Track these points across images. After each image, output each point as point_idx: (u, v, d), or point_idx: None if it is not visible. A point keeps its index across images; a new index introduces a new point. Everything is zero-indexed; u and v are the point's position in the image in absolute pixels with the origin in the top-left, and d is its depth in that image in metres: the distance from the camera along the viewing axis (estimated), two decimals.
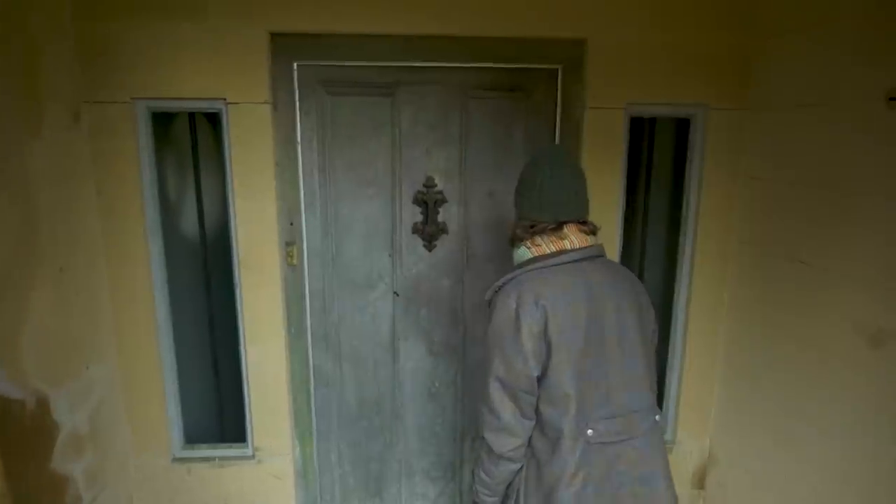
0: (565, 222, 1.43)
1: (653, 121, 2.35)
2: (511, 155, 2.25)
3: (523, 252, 1.47)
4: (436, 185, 2.25)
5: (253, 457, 2.33)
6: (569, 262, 1.40)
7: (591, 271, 1.40)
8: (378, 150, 2.22)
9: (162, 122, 2.15)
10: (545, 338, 1.33)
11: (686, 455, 2.48)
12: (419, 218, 2.28)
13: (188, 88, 2.02)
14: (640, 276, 2.47)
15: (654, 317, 1.53)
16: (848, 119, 1.77)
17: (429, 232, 2.27)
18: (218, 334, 2.35)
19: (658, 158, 2.39)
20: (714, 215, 2.29)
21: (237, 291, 2.20)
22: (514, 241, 1.50)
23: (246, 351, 2.24)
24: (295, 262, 2.23)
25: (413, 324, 2.37)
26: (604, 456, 1.36)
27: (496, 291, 1.44)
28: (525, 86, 2.20)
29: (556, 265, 1.40)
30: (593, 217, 1.51)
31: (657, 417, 1.46)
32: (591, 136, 2.19)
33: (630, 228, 2.40)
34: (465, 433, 2.50)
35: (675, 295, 2.40)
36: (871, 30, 1.70)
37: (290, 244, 2.21)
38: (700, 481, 2.51)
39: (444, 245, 2.31)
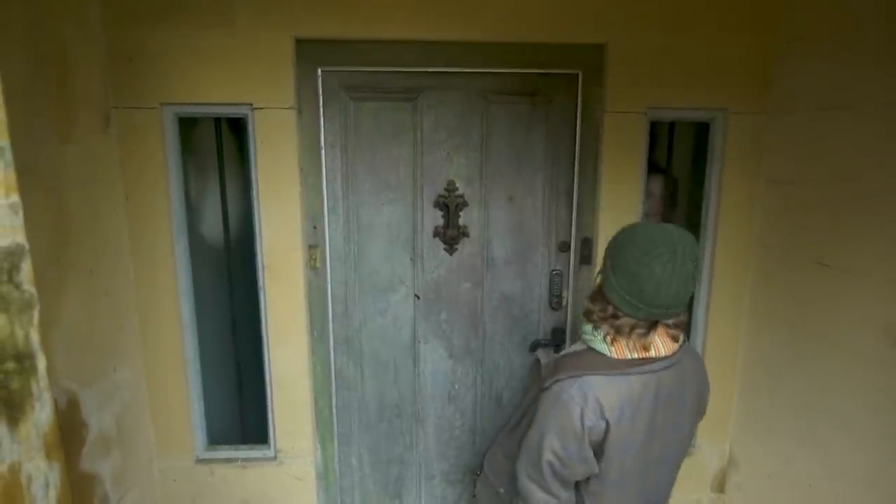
0: (656, 324, 1.25)
1: (672, 124, 2.36)
2: (531, 159, 2.27)
3: (599, 345, 1.28)
4: (457, 189, 2.27)
5: (275, 458, 2.35)
6: (647, 373, 1.25)
7: (665, 380, 1.27)
8: (400, 154, 2.24)
9: (188, 126, 2.19)
10: (601, 446, 1.27)
11: (706, 459, 2.48)
12: (440, 222, 2.30)
13: (215, 94, 2.05)
14: None
15: (706, 405, 1.47)
16: (871, 122, 1.78)
17: (450, 235, 2.29)
18: (241, 336, 2.38)
19: (677, 162, 2.40)
20: (734, 218, 2.29)
21: (261, 294, 2.22)
22: (590, 319, 1.31)
23: (269, 353, 2.27)
24: (318, 265, 2.25)
25: (434, 327, 2.39)
26: None
27: (557, 381, 1.28)
28: (545, 90, 2.22)
29: (632, 374, 1.24)
30: (613, 223, 1.48)
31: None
32: (611, 140, 2.21)
33: None
34: (484, 437, 2.50)
35: (695, 298, 2.41)
36: (892, 34, 1.70)
37: (312, 248, 2.24)
38: (720, 485, 2.51)
39: (465, 248, 2.32)
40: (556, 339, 2.40)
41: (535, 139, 2.26)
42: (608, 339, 1.26)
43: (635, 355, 1.25)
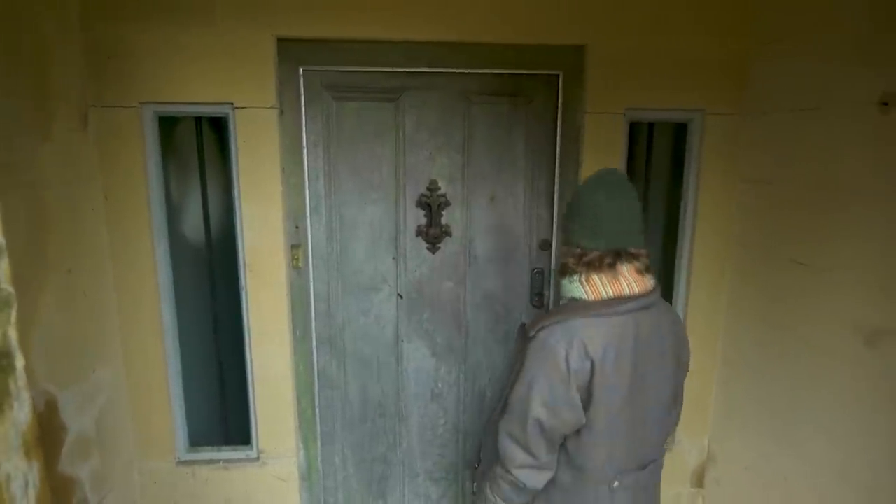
0: (620, 254, 1.32)
1: (651, 125, 2.39)
2: (512, 159, 2.29)
3: (577, 290, 1.35)
4: (439, 189, 2.28)
5: (257, 459, 2.34)
6: (624, 314, 1.31)
7: (643, 322, 1.33)
8: (382, 154, 2.25)
9: (169, 125, 2.17)
10: (588, 389, 1.29)
11: (685, 454, 2.52)
12: (423, 221, 2.31)
13: (195, 93, 2.04)
14: None
15: (688, 360, 1.51)
16: (842, 123, 1.82)
17: (433, 234, 2.30)
18: (223, 337, 2.36)
19: (656, 162, 2.44)
20: (712, 218, 2.33)
21: (243, 294, 2.21)
22: (565, 272, 1.39)
23: (251, 353, 2.26)
24: (300, 264, 2.25)
25: (416, 326, 2.40)
26: (623, 500, 1.40)
27: (541, 329, 1.33)
28: (526, 91, 2.24)
29: (611, 315, 1.30)
30: None
31: (662, 459, 1.51)
32: (591, 141, 2.23)
33: None
34: (468, 435, 2.52)
35: (674, 296, 2.45)
36: (865, 36, 1.75)
37: (295, 247, 2.24)
38: (699, 480, 2.55)
39: (447, 247, 2.34)
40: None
41: (516, 140, 2.28)
42: (583, 279, 1.34)
43: (609, 292, 1.32)
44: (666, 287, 2.48)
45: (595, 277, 1.33)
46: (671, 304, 2.44)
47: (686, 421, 2.49)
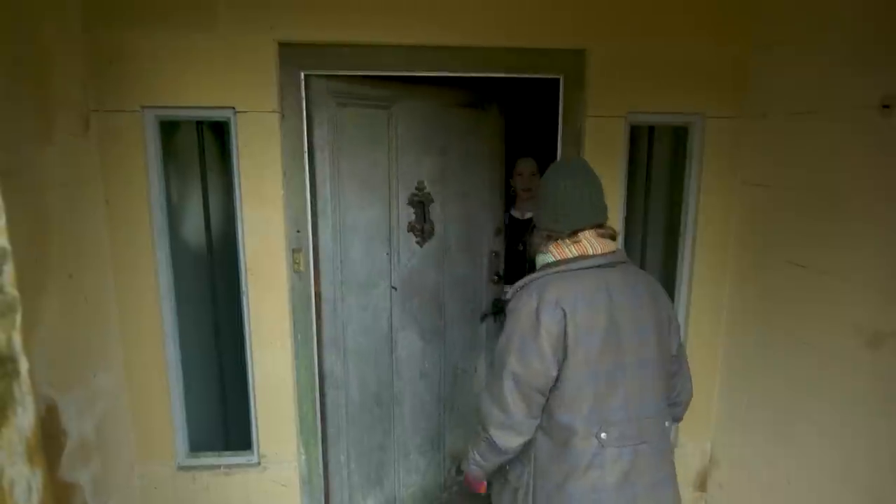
0: (580, 230, 1.45)
1: (651, 128, 2.40)
2: (481, 160, 2.60)
3: (547, 257, 1.49)
4: (426, 188, 2.43)
5: (258, 464, 2.33)
6: (591, 268, 1.42)
7: (612, 278, 1.42)
8: (378, 158, 2.33)
9: (170, 130, 2.17)
10: (563, 339, 1.35)
11: (687, 457, 2.51)
12: (412, 217, 2.45)
13: (197, 97, 2.04)
14: None
15: (677, 330, 1.54)
16: (842, 126, 1.83)
17: (423, 229, 2.47)
18: (224, 341, 2.35)
19: (657, 165, 2.44)
20: (712, 221, 2.34)
21: (244, 299, 2.21)
22: (536, 251, 1.53)
23: (252, 358, 2.25)
24: (301, 268, 2.25)
25: (408, 314, 2.52)
26: (619, 464, 1.38)
27: (517, 291, 1.45)
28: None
29: (578, 269, 1.42)
30: None
31: (667, 423, 1.49)
32: (592, 145, 2.24)
33: (630, 234, 2.44)
34: (446, 402, 2.70)
35: (676, 299, 2.45)
36: (864, 39, 1.76)
37: (296, 251, 2.23)
38: (702, 483, 2.54)
39: (432, 239, 2.51)
40: (497, 308, 2.73)
41: (489, 142, 2.57)
42: (551, 246, 1.48)
43: (574, 251, 1.45)
44: (667, 289, 2.46)
45: (560, 242, 1.48)
46: (672, 303, 2.46)
47: (688, 424, 2.48)
